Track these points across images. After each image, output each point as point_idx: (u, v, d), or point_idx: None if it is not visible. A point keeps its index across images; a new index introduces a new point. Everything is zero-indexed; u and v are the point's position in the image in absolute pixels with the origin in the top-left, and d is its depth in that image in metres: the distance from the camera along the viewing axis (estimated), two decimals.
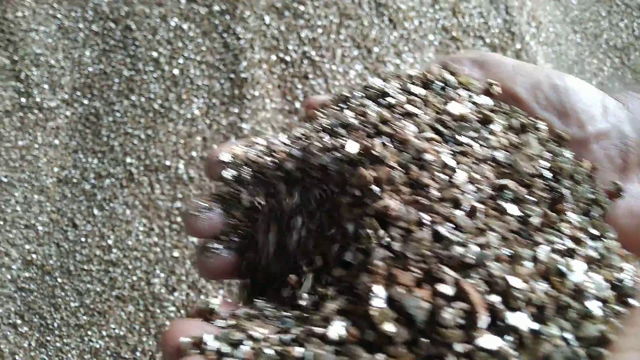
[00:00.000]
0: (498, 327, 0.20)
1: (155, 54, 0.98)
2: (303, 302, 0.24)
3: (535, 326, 0.20)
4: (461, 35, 1.11)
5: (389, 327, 0.19)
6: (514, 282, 0.20)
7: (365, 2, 1.06)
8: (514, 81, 0.29)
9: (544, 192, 0.25)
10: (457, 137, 0.27)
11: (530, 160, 0.26)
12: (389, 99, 0.29)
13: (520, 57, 1.14)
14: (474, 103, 0.29)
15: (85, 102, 0.97)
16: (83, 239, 0.95)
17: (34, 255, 0.95)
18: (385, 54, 1.06)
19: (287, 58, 1.02)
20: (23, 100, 0.95)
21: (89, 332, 0.94)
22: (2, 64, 0.95)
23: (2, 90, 0.95)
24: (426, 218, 0.23)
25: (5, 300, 0.94)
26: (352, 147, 0.25)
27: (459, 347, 0.19)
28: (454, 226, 0.23)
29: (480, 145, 0.26)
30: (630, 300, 0.22)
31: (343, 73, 1.04)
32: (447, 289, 0.20)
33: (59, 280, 0.95)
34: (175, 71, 0.98)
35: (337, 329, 0.20)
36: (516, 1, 1.16)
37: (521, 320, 0.19)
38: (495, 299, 0.20)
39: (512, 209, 0.24)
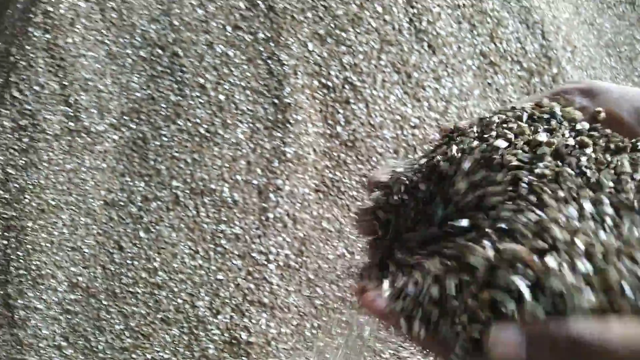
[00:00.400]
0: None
1: (201, 80, 0.99)
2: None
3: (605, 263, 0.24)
4: (499, 60, 1.12)
5: (474, 261, 0.26)
6: (579, 241, 0.24)
7: (405, 29, 1.07)
8: (619, 106, 0.32)
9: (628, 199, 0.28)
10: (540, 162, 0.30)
11: (617, 176, 0.28)
12: (491, 132, 0.31)
13: (556, 81, 1.15)
14: (574, 130, 0.31)
15: (133, 126, 0.98)
16: (129, 262, 0.96)
17: (79, 278, 0.96)
18: (425, 79, 1.08)
19: (329, 83, 1.03)
20: (71, 124, 0.97)
21: (133, 355, 0.95)
22: (51, 88, 0.97)
23: (52, 115, 0.97)
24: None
25: (50, 322, 0.95)
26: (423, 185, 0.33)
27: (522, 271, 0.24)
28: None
29: (569, 164, 0.29)
30: None
31: (383, 98, 1.06)
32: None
33: (104, 302, 0.95)
34: (221, 96, 1.00)
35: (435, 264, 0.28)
36: (552, 26, 1.17)
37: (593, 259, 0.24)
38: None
39: (589, 206, 0.27)
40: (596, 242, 0.25)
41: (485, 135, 0.33)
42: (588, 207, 0.27)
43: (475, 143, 0.32)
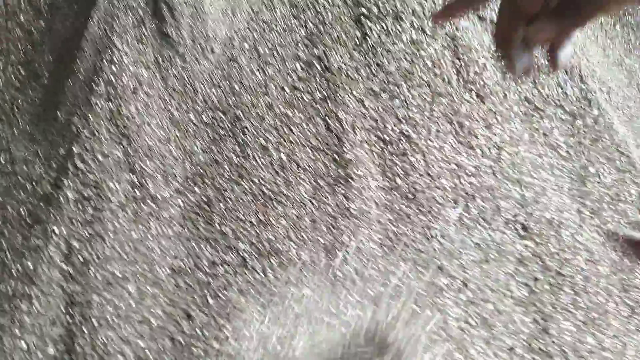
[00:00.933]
0: None
1: (263, 141, 1.00)
2: None
3: None
4: (543, 105, 1.15)
5: None
6: None
7: (454, 80, 1.11)
8: None
9: None
10: None
11: None
12: None
13: (598, 122, 1.18)
14: None
15: (197, 190, 0.98)
16: (199, 331, 0.92)
17: (147, 352, 0.92)
18: (477, 127, 1.10)
19: (386, 137, 1.05)
20: (137, 192, 0.96)
21: None
22: (116, 157, 0.97)
23: (116, 183, 0.96)
24: None
25: None
26: None
27: None
28: None
29: None
30: None
31: (439, 148, 1.07)
32: None
33: None
34: (283, 156, 1.00)
35: None
36: (587, 69, 1.22)
37: None
38: None
39: None
40: None
41: None
42: None
43: None
